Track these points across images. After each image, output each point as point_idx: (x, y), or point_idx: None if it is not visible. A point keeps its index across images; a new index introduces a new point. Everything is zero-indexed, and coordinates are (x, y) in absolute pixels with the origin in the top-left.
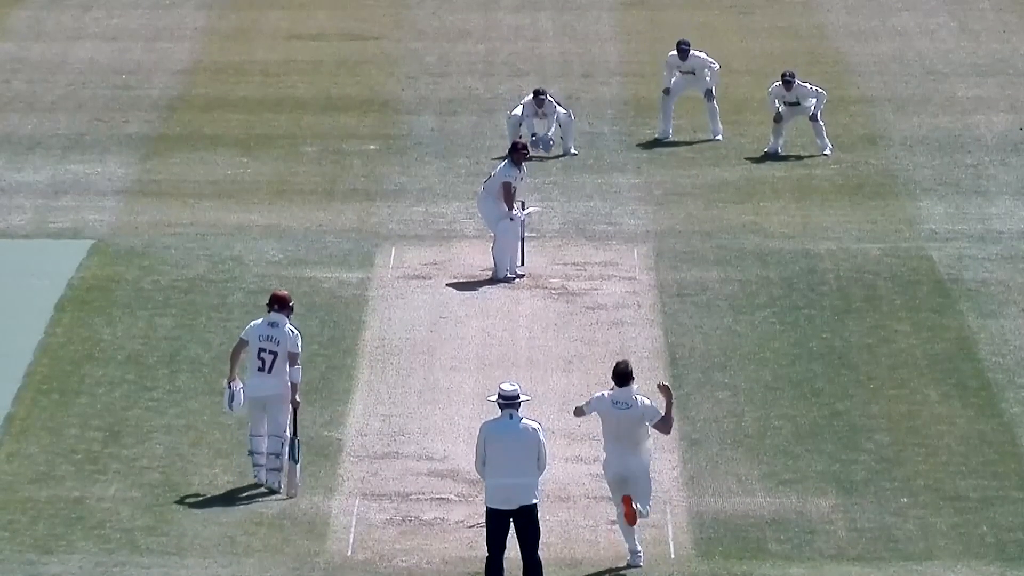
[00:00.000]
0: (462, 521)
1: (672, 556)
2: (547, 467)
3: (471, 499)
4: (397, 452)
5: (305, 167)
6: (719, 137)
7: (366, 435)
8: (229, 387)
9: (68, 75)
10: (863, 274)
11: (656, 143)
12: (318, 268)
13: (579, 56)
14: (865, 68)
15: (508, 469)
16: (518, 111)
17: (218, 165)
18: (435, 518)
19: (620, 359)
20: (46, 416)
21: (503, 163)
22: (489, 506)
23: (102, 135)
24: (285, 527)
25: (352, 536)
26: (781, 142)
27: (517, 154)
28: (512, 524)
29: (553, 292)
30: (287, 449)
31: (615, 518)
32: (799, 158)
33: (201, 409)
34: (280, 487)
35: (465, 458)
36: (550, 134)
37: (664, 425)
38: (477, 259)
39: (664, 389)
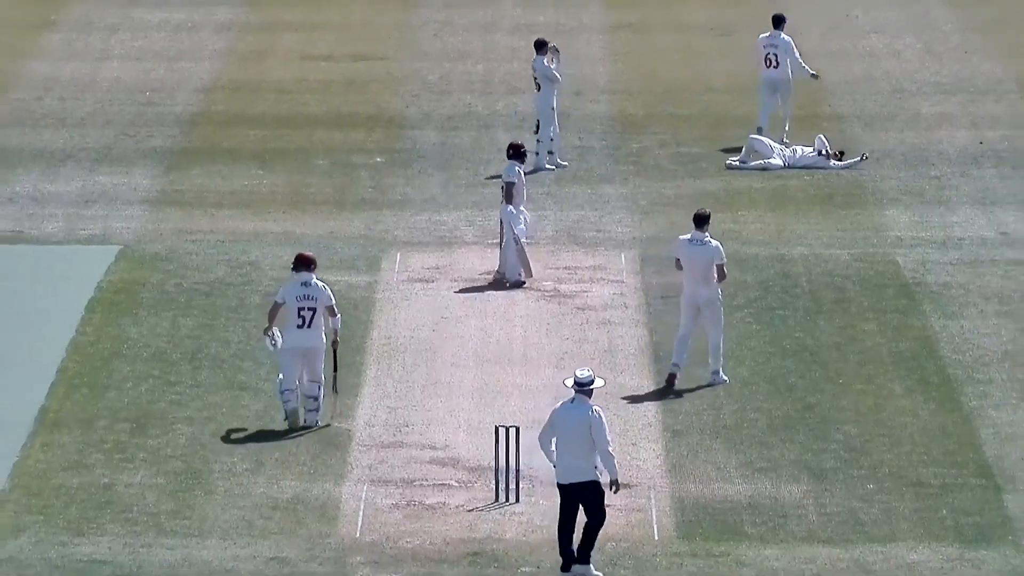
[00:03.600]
0: (462, 505)
1: (656, 537)
2: (608, 448)
3: (471, 485)
4: (402, 442)
5: (316, 179)
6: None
7: (373, 426)
8: (269, 335)
9: (97, 93)
10: (833, 278)
11: (642, 155)
12: (329, 272)
13: (570, 76)
14: (836, 87)
15: (564, 449)
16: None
17: (236, 177)
18: (437, 503)
19: (701, 208)
20: (77, 409)
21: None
22: (557, 481)
23: (128, 149)
24: (299, 511)
25: (360, 519)
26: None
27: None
28: (573, 500)
29: (546, 294)
30: (330, 386)
31: (607, 502)
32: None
33: (221, 402)
34: (317, 423)
35: (465, 447)
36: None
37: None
38: (476, 263)
39: None
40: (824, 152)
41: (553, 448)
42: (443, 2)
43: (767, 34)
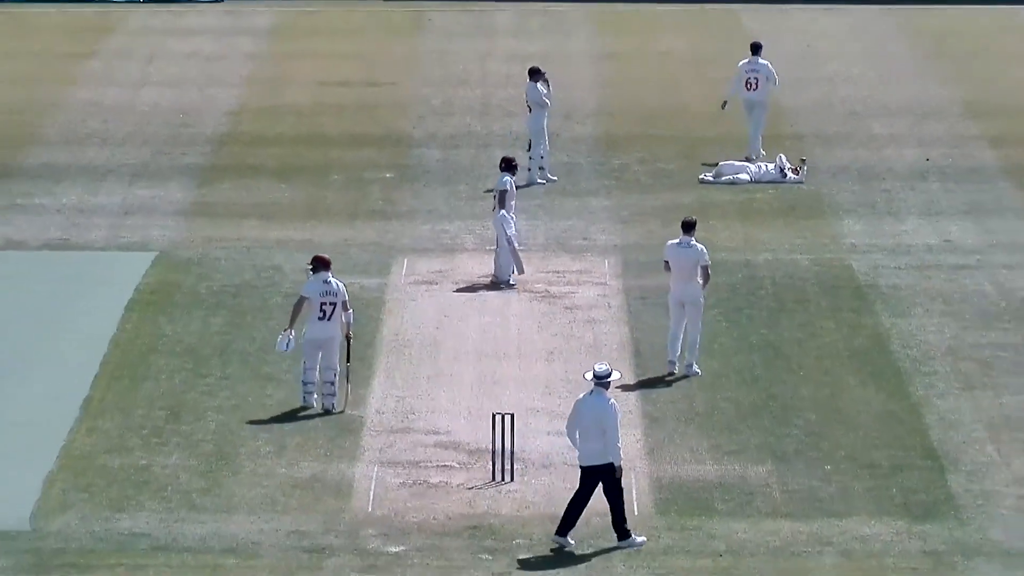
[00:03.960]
0: (462, 484)
1: (636, 513)
2: (616, 441)
3: (470, 466)
4: (409, 427)
5: (332, 192)
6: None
7: (383, 413)
8: (287, 334)
9: (135, 115)
10: (794, 280)
11: (624, 171)
12: (343, 276)
13: (560, 100)
14: (798, 110)
15: (584, 435)
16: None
17: (260, 191)
18: (440, 482)
19: (688, 216)
20: (118, 398)
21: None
22: (579, 464)
23: (164, 165)
24: (316, 488)
25: (372, 496)
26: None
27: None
28: (593, 481)
29: (538, 295)
30: (343, 374)
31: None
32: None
33: (247, 392)
34: (334, 407)
35: (465, 432)
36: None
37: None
38: (476, 268)
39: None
40: (784, 169)
41: (577, 435)
42: (445, 34)
43: (747, 60)
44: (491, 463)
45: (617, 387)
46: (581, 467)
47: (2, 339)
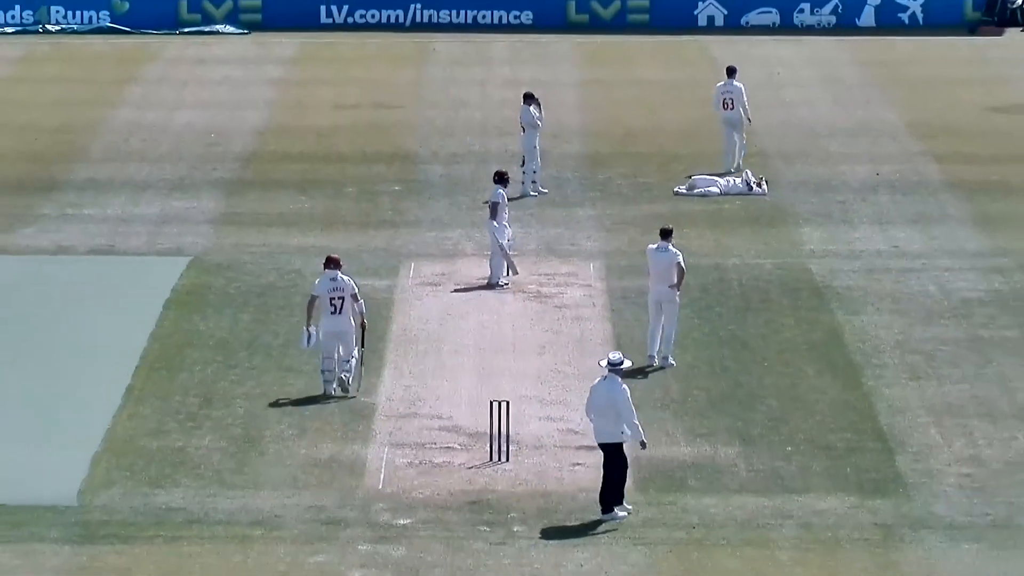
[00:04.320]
0: (463, 464)
1: None
2: (633, 419)
3: (470, 448)
4: (415, 413)
5: (347, 203)
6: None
7: (392, 400)
8: (307, 330)
9: (172, 135)
10: (759, 282)
11: (607, 185)
12: (357, 277)
13: (550, 121)
14: (762, 131)
15: (597, 415)
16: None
17: (282, 202)
18: (443, 462)
19: (665, 224)
20: (156, 387)
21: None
22: (597, 442)
23: (197, 179)
24: (333, 468)
25: (382, 475)
26: (731, 159)
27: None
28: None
29: (530, 295)
30: (358, 359)
31: (578, 461)
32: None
33: (271, 381)
34: (349, 388)
35: (465, 418)
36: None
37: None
38: (475, 271)
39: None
40: (750, 183)
41: (589, 414)
42: (448, 61)
43: (723, 83)
44: (488, 445)
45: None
46: (598, 444)
47: (53, 334)
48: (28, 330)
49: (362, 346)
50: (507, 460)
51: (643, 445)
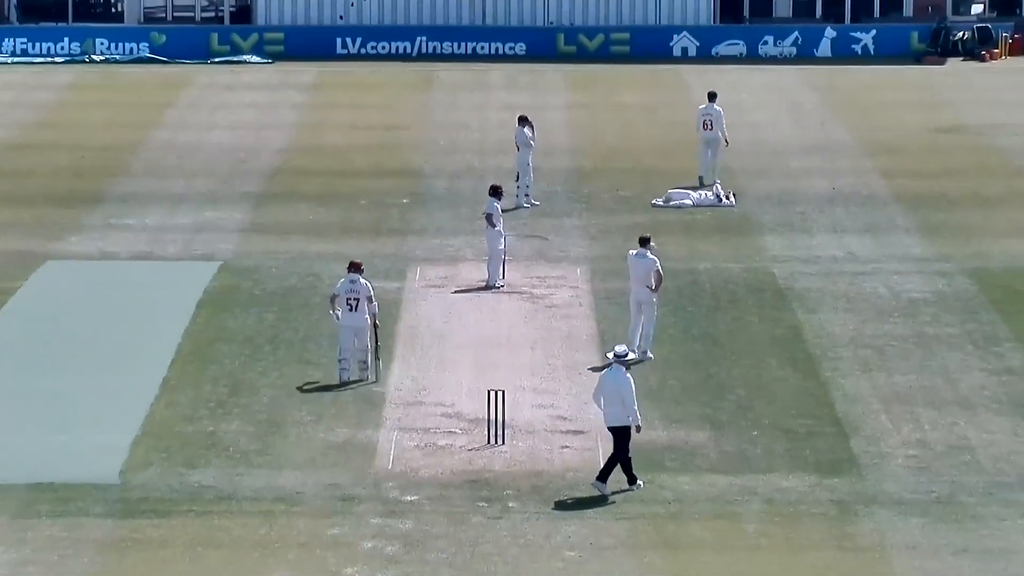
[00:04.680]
0: (463, 446)
1: (601, 468)
2: (633, 406)
3: (470, 432)
4: (421, 401)
5: (361, 214)
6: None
7: (401, 390)
8: (334, 313)
9: (205, 153)
10: (728, 284)
11: (592, 198)
12: (369, 280)
13: (542, 141)
14: (730, 149)
15: (607, 402)
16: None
17: (303, 213)
18: (446, 444)
19: (643, 233)
20: (190, 377)
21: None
22: (606, 425)
23: (227, 193)
24: (348, 450)
25: (392, 456)
26: (709, 174)
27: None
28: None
29: (524, 296)
30: (373, 352)
31: (567, 444)
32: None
33: (293, 373)
34: (367, 378)
35: (466, 405)
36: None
37: (659, 283)
38: (474, 274)
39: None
40: (720, 196)
41: (601, 401)
42: (451, 87)
43: (704, 106)
44: (486, 430)
45: (589, 368)
46: (608, 427)
47: (98, 331)
48: (75, 327)
49: (376, 342)
50: (503, 443)
51: (638, 429)
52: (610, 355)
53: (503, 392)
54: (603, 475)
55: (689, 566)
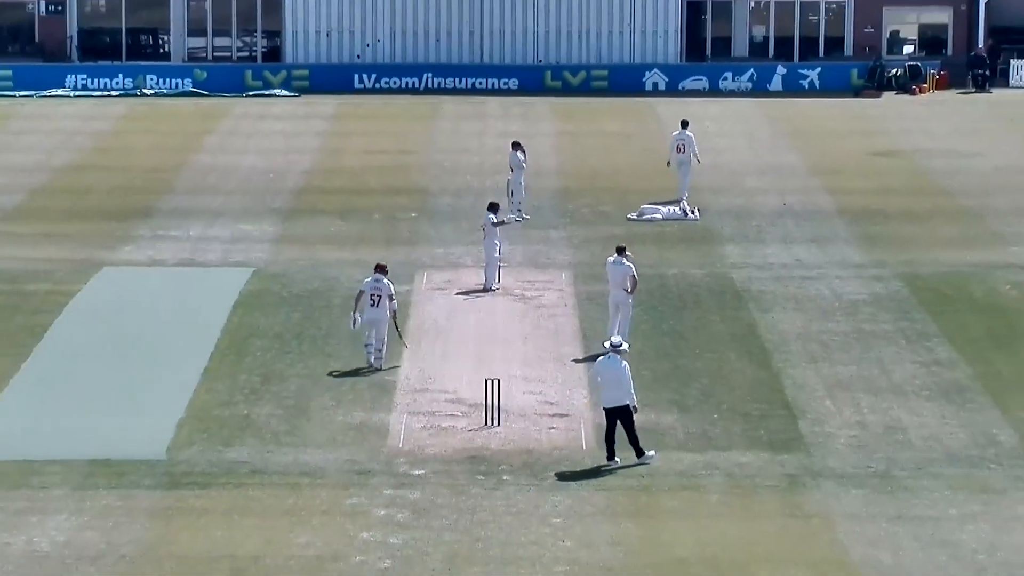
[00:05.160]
0: (464, 427)
1: (584, 448)
2: (631, 390)
3: (469, 415)
4: (427, 388)
5: (375, 226)
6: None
7: (410, 379)
8: (353, 316)
9: (239, 174)
10: (692, 287)
11: (575, 212)
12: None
13: (532, 164)
14: (694, 170)
15: (607, 386)
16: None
17: (325, 226)
18: (449, 426)
19: (620, 243)
20: (227, 368)
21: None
22: (603, 406)
23: (259, 208)
24: (364, 430)
25: (401, 436)
26: (682, 191)
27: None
28: (615, 418)
29: (516, 297)
30: (398, 339)
31: (554, 426)
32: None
33: (316, 364)
34: (382, 366)
35: (466, 391)
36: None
37: (634, 286)
38: (473, 279)
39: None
40: (686, 211)
41: (599, 384)
42: (454, 116)
43: (678, 132)
44: (484, 413)
45: (572, 360)
46: (606, 408)
47: (148, 327)
48: (128, 324)
49: (399, 334)
50: (498, 425)
51: (635, 410)
52: (607, 344)
53: (498, 380)
54: (637, 449)
55: (659, 532)
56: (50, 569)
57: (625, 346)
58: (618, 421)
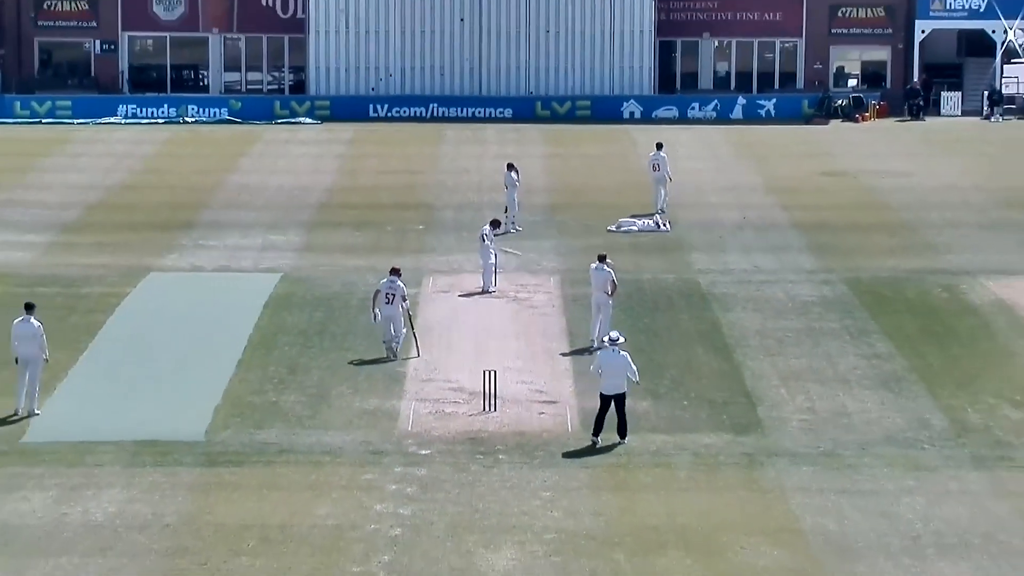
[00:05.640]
0: (465, 412)
1: (569, 430)
2: (634, 369)
3: (469, 402)
4: (433, 378)
5: (387, 237)
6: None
7: (418, 370)
8: (374, 312)
9: (268, 192)
10: (664, 290)
11: (563, 225)
12: (404, 283)
13: (525, 182)
14: (669, 187)
15: (608, 375)
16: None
17: (343, 237)
18: (451, 411)
19: (601, 251)
20: (258, 360)
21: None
22: (602, 392)
23: (286, 221)
24: (377, 415)
25: (410, 420)
26: (657, 200)
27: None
28: (612, 402)
29: (511, 299)
30: (411, 333)
31: (543, 411)
32: (635, 232)
33: (336, 357)
34: (397, 356)
35: (467, 381)
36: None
37: (614, 290)
38: (473, 283)
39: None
40: (659, 224)
41: (600, 374)
42: (455, 142)
43: (654, 153)
44: (482, 400)
45: (560, 353)
46: (603, 394)
47: (189, 325)
48: (172, 322)
49: (413, 330)
50: (495, 410)
51: (638, 383)
52: (606, 339)
53: (495, 372)
54: (620, 432)
55: (635, 503)
56: (103, 536)
57: (622, 340)
58: (612, 406)
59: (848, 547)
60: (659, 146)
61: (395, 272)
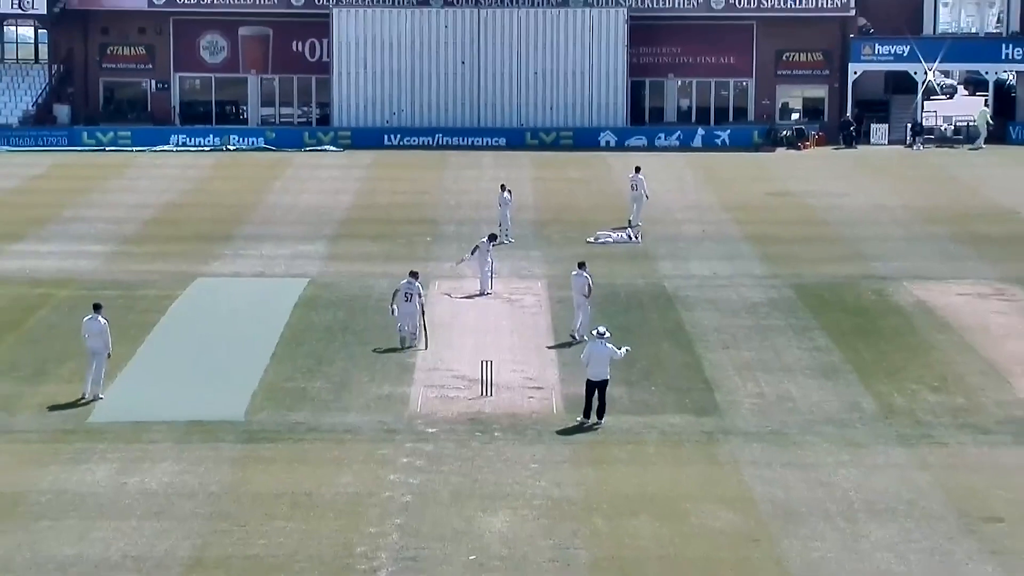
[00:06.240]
0: (466, 397)
1: (555, 412)
2: (621, 351)
3: (470, 388)
4: (438, 368)
5: (399, 248)
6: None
7: (425, 360)
8: (392, 307)
9: (298, 210)
10: (635, 293)
11: (549, 238)
12: (421, 284)
13: (517, 201)
14: (645, 211)
15: (594, 364)
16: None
17: (362, 247)
18: (454, 396)
19: (580, 259)
20: (288, 353)
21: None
22: (588, 379)
23: (313, 234)
24: (391, 399)
25: (419, 403)
26: (631, 215)
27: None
28: (596, 388)
29: (505, 300)
30: (422, 327)
31: (532, 396)
32: (609, 243)
33: (357, 350)
34: (415, 345)
35: (467, 370)
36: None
37: (590, 292)
38: (473, 286)
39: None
40: (631, 236)
41: (587, 363)
42: (457, 166)
43: (632, 175)
44: (480, 386)
45: (546, 347)
46: (589, 380)
47: (231, 323)
48: (215, 321)
49: (424, 325)
50: (491, 395)
51: (624, 354)
52: (594, 332)
53: (491, 362)
54: (598, 414)
55: (611, 475)
56: (157, 502)
57: (608, 334)
58: (596, 391)
59: (793, 512)
60: (637, 169)
61: (414, 275)
